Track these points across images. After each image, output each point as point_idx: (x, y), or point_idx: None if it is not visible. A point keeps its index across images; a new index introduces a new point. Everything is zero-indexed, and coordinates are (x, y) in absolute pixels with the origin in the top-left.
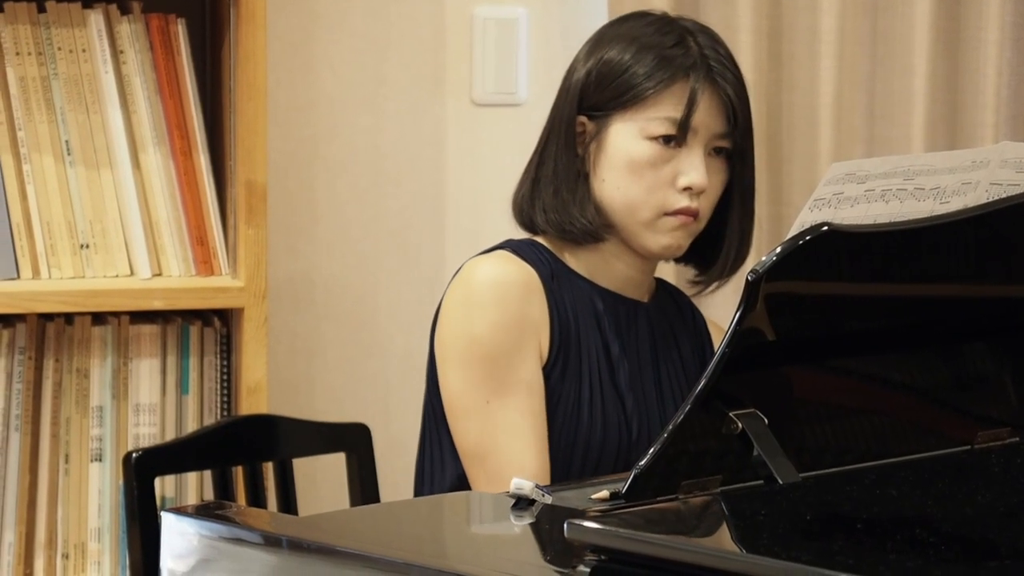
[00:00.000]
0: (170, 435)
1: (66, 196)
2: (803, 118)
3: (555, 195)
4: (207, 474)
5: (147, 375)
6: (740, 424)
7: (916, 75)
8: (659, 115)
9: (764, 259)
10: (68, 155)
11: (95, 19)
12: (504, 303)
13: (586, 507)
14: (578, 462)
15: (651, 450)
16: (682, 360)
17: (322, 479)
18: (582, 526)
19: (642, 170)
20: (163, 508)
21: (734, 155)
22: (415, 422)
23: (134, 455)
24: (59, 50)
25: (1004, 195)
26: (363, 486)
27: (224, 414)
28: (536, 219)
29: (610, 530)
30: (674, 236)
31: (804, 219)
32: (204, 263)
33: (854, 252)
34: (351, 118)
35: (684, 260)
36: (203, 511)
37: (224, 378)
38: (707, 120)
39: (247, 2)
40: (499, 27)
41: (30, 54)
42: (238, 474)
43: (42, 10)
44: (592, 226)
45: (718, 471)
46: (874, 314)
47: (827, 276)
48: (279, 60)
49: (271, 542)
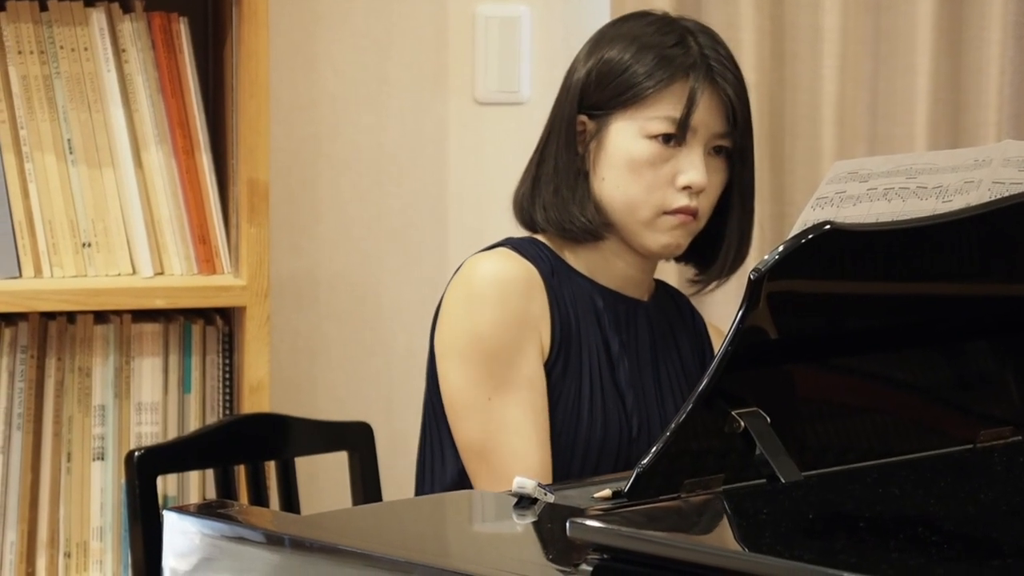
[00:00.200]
0: (172, 434)
1: (68, 195)
2: (805, 117)
3: (555, 193)
4: (209, 473)
5: (149, 374)
6: (742, 423)
7: (919, 74)
8: (659, 114)
9: (766, 258)
10: (70, 154)
11: (97, 18)
12: (505, 300)
13: (588, 506)
14: (578, 459)
15: (653, 449)
16: (681, 359)
17: (324, 478)
18: (584, 525)
19: (642, 169)
20: (165, 507)
21: (734, 155)
22: (418, 421)
23: (136, 454)
24: (61, 49)
25: (1007, 194)
26: (365, 485)
27: (226, 413)
28: (536, 217)
29: (612, 529)
30: (673, 235)
31: (806, 218)
32: (206, 262)
33: (856, 251)
34: (353, 116)
35: (684, 259)
36: (205, 510)
37: (226, 377)
38: (707, 119)
39: (249, 1)
40: (501, 26)
41: (32, 53)
42: (240, 473)
43: (44, 9)
44: (592, 224)
45: (720, 470)
46: (876, 313)
47: (829, 275)
48: (281, 58)
49: (273, 541)
